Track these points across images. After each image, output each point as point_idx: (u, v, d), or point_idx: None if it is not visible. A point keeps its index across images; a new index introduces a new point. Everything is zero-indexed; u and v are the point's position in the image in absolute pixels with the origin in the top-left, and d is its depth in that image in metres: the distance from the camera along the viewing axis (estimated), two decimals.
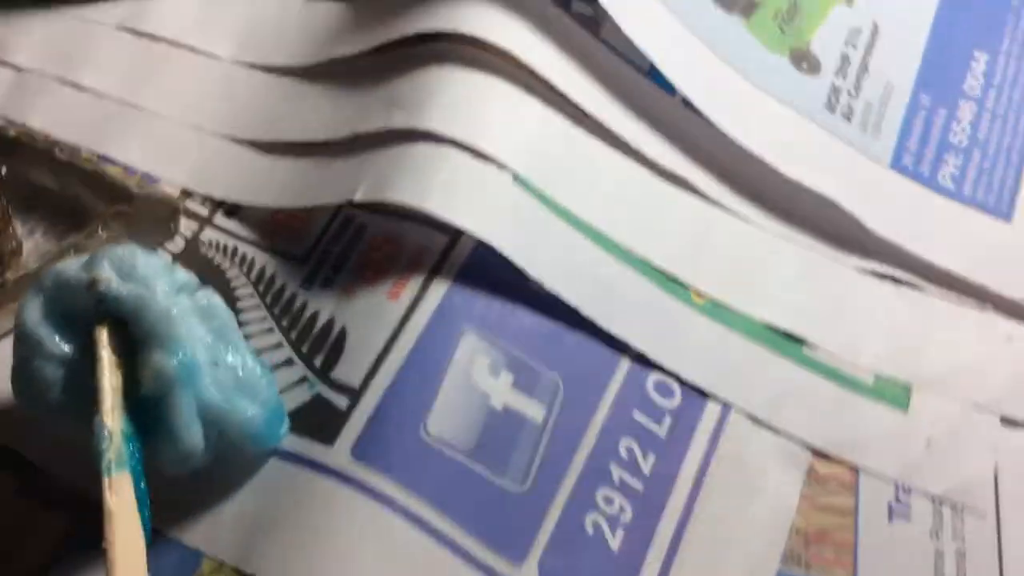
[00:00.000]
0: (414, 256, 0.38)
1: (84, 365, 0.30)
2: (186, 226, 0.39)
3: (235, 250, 0.39)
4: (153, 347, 0.29)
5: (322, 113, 0.41)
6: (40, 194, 0.37)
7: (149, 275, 0.30)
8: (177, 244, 0.39)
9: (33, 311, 0.30)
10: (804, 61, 0.45)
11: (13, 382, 0.31)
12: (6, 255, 0.35)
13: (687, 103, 0.42)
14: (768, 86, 0.44)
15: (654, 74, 0.42)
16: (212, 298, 0.32)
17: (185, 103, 0.41)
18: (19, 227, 0.36)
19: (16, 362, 0.31)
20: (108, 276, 0.30)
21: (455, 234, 0.38)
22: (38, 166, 0.37)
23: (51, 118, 0.40)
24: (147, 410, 0.30)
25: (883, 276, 0.42)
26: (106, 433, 0.29)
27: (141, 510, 0.29)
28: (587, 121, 0.41)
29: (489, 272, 0.38)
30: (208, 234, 0.39)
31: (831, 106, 0.44)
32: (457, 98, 0.39)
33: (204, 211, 0.39)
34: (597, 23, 0.42)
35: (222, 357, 0.31)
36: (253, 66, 0.42)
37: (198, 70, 0.42)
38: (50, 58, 0.41)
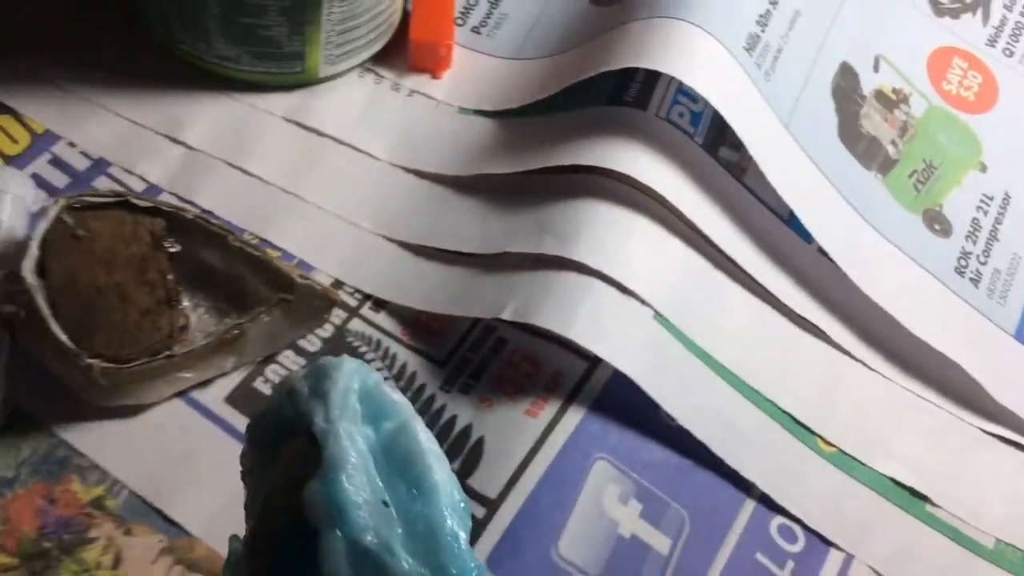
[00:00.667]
0: (553, 378, 0.40)
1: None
2: (335, 315, 0.41)
3: (379, 343, 0.41)
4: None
5: (472, 226, 0.43)
6: (206, 273, 0.39)
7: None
8: (326, 330, 0.41)
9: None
10: (936, 223, 0.47)
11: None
12: (176, 329, 0.37)
13: (823, 252, 0.44)
14: (901, 243, 0.45)
15: (793, 222, 0.44)
16: (407, 424, 0.28)
17: (342, 197, 0.44)
18: (186, 302, 0.38)
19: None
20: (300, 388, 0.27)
21: (593, 362, 0.40)
22: (209, 248, 0.39)
23: (215, 198, 0.42)
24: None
25: (1006, 440, 0.43)
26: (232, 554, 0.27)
27: None
28: (726, 263, 0.43)
29: (624, 403, 0.39)
30: (355, 324, 0.41)
31: (960, 270, 0.46)
32: (606, 232, 0.41)
33: (353, 302, 0.41)
34: (742, 169, 0.44)
35: (397, 487, 0.26)
36: (407, 169, 0.45)
37: (356, 167, 0.45)
38: (219, 141, 0.44)
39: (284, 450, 0.27)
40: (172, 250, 0.38)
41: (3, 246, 0.37)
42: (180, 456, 0.37)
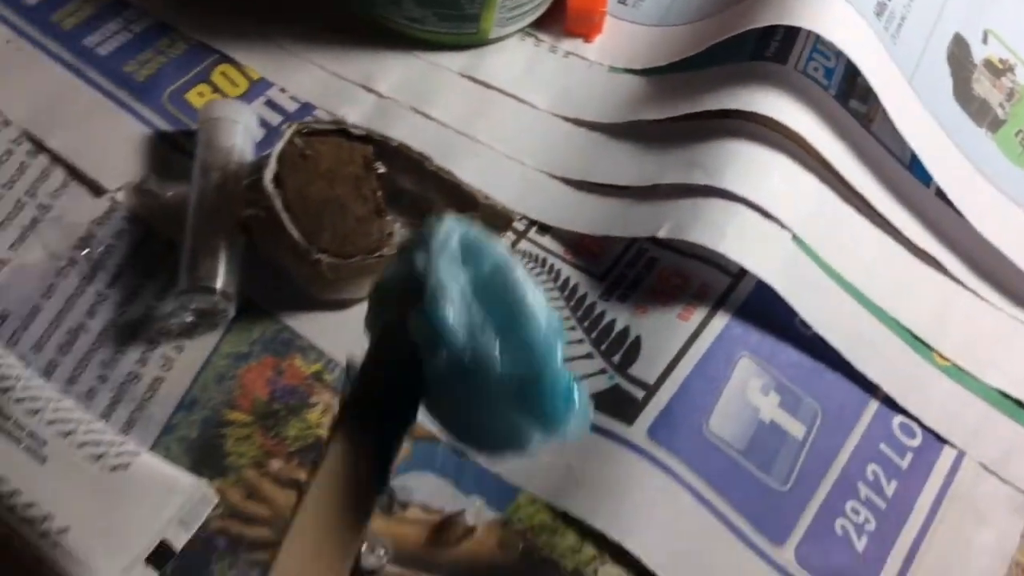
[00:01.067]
0: (700, 290, 0.46)
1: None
2: (507, 236, 0.48)
3: (545, 260, 0.47)
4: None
5: (626, 164, 0.49)
6: (402, 194, 0.46)
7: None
8: None
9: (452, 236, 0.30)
10: None
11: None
12: (384, 235, 0.44)
13: (940, 194, 0.49)
14: (1010, 192, 0.51)
15: (914, 167, 0.50)
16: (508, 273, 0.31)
17: (509, 140, 0.50)
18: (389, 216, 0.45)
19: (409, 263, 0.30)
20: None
21: (737, 276, 0.46)
22: (405, 172, 0.46)
23: (402, 138, 0.49)
24: None
25: None
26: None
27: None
28: (854, 199, 0.49)
29: (764, 311, 0.45)
30: (523, 245, 0.47)
31: None
32: (750, 166, 0.47)
33: (522, 227, 0.48)
34: (869, 119, 0.50)
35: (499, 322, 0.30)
36: (565, 118, 0.51)
37: (520, 115, 0.51)
38: (405, 91, 0.51)
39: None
40: (380, 171, 0.45)
41: (235, 166, 0.45)
42: None
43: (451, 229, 0.30)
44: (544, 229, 0.48)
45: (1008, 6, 0.57)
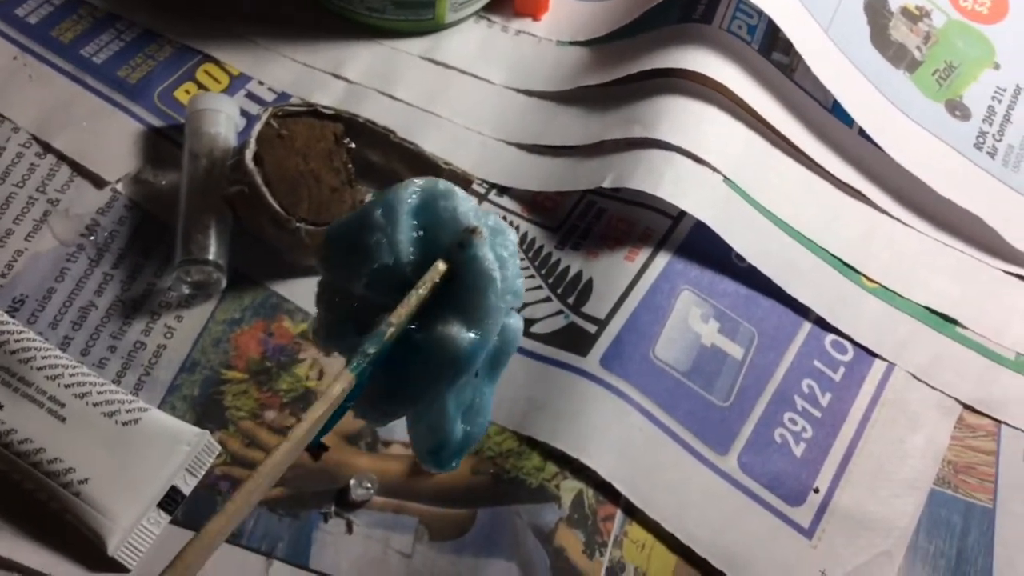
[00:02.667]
0: (644, 233, 0.47)
1: (395, 275, 0.32)
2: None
3: (505, 218, 0.49)
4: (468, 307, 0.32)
5: (574, 126, 0.51)
6: (371, 165, 0.48)
7: (507, 257, 0.33)
8: None
9: (409, 198, 0.33)
10: (957, 110, 0.53)
11: (335, 237, 0.33)
12: (356, 202, 0.45)
13: (862, 133, 0.50)
14: (928, 125, 0.52)
15: (836, 110, 0.51)
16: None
17: (468, 113, 0.52)
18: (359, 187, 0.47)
19: (356, 223, 0.33)
20: (484, 236, 0.32)
21: (676, 219, 0.48)
22: (372, 146, 0.48)
23: (372, 117, 0.51)
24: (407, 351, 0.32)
25: (1022, 277, 0.49)
26: (384, 328, 0.31)
27: (334, 414, 0.31)
28: (780, 142, 0.50)
29: (702, 248, 0.47)
30: (485, 206, 0.49)
31: (979, 145, 0.52)
32: (683, 117, 0.49)
33: (482, 190, 0.49)
34: (791, 69, 0.51)
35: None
36: (518, 90, 0.53)
37: (477, 91, 0.53)
38: (371, 76, 0.53)
39: (437, 265, 0.33)
40: (350, 146, 0.47)
41: (220, 151, 0.47)
42: None
43: (412, 185, 0.33)
44: (503, 191, 0.50)
45: None
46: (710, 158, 0.48)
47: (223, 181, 0.45)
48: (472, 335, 0.32)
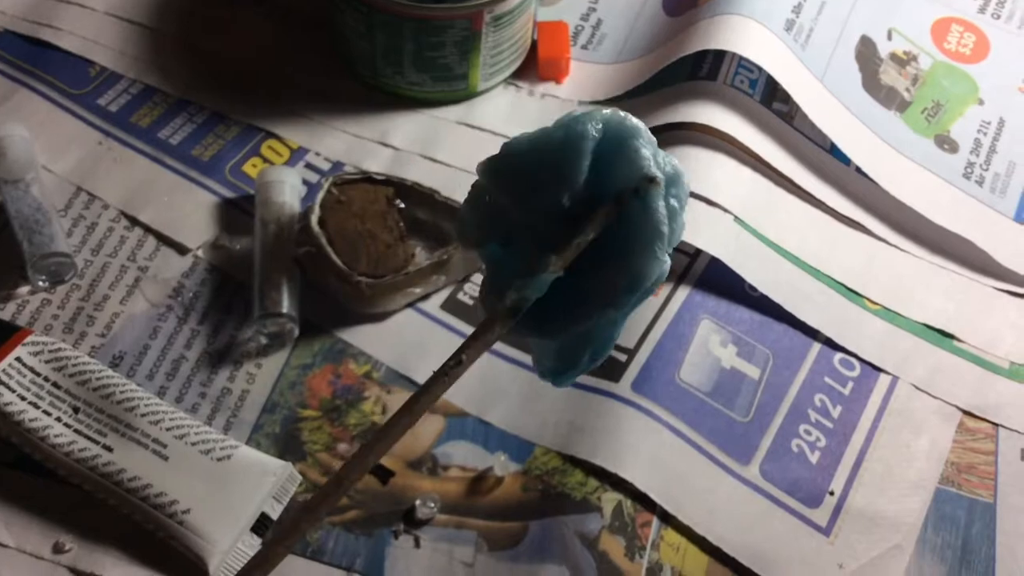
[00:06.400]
0: None
1: (558, 204, 0.31)
2: None
3: None
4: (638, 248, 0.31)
5: None
6: (418, 223, 0.53)
7: (678, 209, 0.32)
8: None
9: (593, 132, 0.31)
10: (946, 144, 0.57)
11: (513, 153, 0.33)
12: (408, 257, 0.50)
13: (859, 170, 0.55)
14: (918, 159, 0.56)
15: (834, 151, 0.55)
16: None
17: None
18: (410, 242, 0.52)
19: (534, 151, 0.32)
20: (661, 187, 0.31)
21: (693, 256, 0.52)
22: (420, 205, 0.53)
23: (417, 179, 0.56)
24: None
25: (1013, 293, 0.53)
26: (549, 275, 0.30)
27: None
28: (783, 181, 0.55)
29: (718, 280, 0.52)
30: None
31: (967, 175, 0.56)
32: (695, 165, 0.54)
33: None
34: (791, 116, 0.56)
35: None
36: None
37: None
38: (414, 142, 0.58)
39: (606, 209, 0.31)
40: (400, 207, 0.52)
41: (287, 217, 0.52)
42: (415, 344, 0.50)
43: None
44: None
45: (908, 5, 0.62)
46: (721, 200, 0.52)
47: (292, 243, 0.50)
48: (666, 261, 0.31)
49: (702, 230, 0.51)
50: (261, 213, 0.52)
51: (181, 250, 0.53)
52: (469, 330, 0.50)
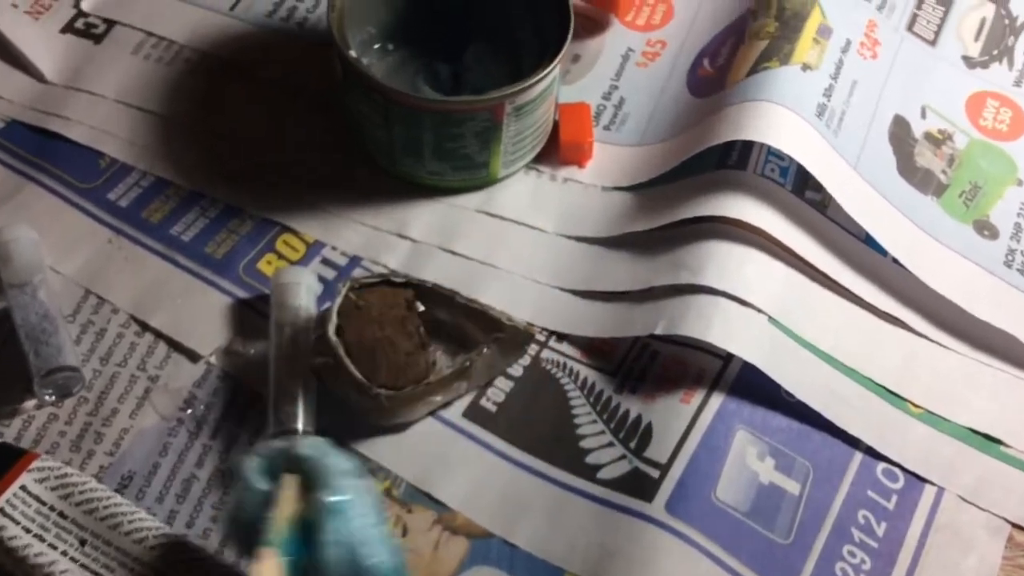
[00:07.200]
0: (698, 374, 0.50)
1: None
2: (531, 348, 0.52)
3: (565, 364, 0.51)
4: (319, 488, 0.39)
5: (623, 272, 0.53)
6: (440, 325, 0.51)
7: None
8: (525, 360, 0.51)
9: (252, 465, 0.40)
10: (986, 229, 0.55)
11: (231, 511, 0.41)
12: (429, 365, 0.48)
13: (896, 261, 0.52)
14: (957, 248, 0.54)
15: (869, 240, 0.53)
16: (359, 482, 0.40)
17: (524, 262, 0.54)
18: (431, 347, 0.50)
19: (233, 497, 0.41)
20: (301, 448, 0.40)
21: (727, 359, 0.50)
22: (441, 307, 0.51)
23: (437, 275, 0.54)
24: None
25: None
26: (270, 525, 0.38)
27: None
28: (819, 276, 0.52)
29: (753, 386, 0.49)
30: (546, 354, 0.51)
31: (1008, 263, 0.54)
32: (726, 261, 0.51)
33: (543, 338, 0.52)
34: (824, 205, 0.54)
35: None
36: (569, 237, 0.55)
37: (531, 240, 0.55)
38: (433, 234, 0.56)
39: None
40: (420, 310, 0.50)
41: (303, 321, 0.50)
42: (437, 456, 0.48)
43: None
44: (561, 337, 0.52)
45: (941, 80, 0.60)
46: (753, 299, 0.50)
47: (309, 352, 0.48)
48: None
49: (735, 333, 0.49)
50: (277, 316, 0.50)
51: (193, 357, 0.50)
52: (493, 439, 0.48)
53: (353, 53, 0.53)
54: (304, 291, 0.51)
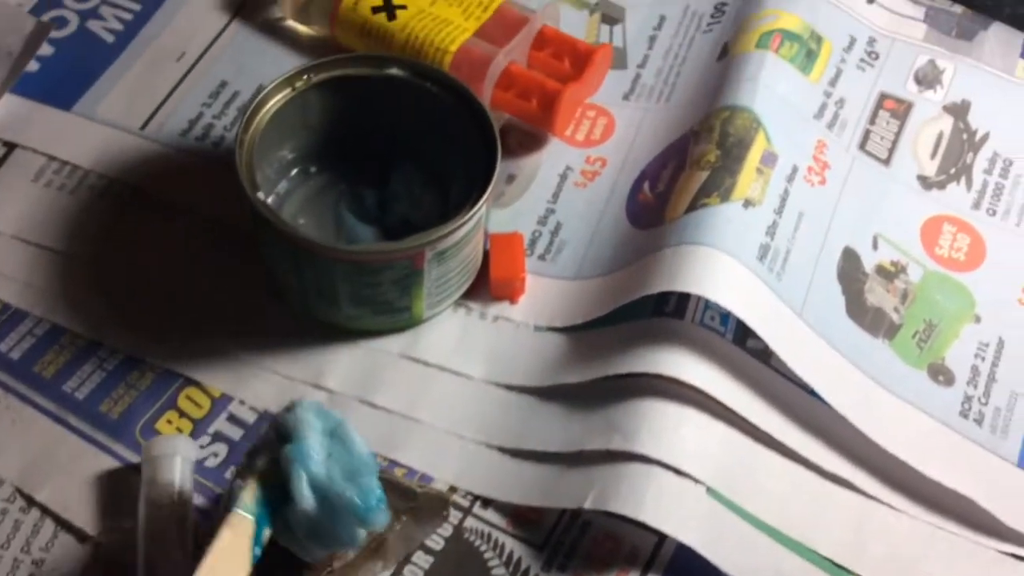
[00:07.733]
0: (631, 552, 0.46)
1: None
2: (453, 515, 0.48)
3: (490, 536, 0.47)
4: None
5: (554, 429, 0.49)
6: None
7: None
8: (447, 530, 0.47)
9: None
10: (940, 374, 0.51)
11: None
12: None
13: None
14: (909, 398, 0.50)
15: (816, 392, 0.49)
16: (341, 424, 0.42)
17: (449, 415, 0.51)
18: None
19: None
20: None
21: (662, 535, 0.46)
22: None
23: (355, 429, 0.50)
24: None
25: (1018, 557, 0.47)
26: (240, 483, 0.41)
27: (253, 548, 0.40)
28: (762, 435, 0.49)
29: (691, 566, 0.45)
30: (469, 522, 0.48)
31: (964, 413, 0.50)
32: (661, 423, 0.47)
33: (466, 503, 0.48)
34: (768, 354, 0.50)
35: (336, 452, 0.41)
36: (498, 384, 0.52)
37: (457, 388, 0.51)
38: (351, 383, 0.51)
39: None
40: None
41: (173, 500, 0.45)
42: None
43: (307, 406, 0.42)
44: (487, 503, 0.48)
45: (894, 204, 0.57)
46: (690, 468, 0.46)
47: (189, 541, 0.44)
48: None
49: (671, 510, 0.45)
50: (147, 493, 0.46)
51: (81, 537, 0.46)
52: None
53: (261, 195, 0.50)
54: (179, 464, 0.47)
